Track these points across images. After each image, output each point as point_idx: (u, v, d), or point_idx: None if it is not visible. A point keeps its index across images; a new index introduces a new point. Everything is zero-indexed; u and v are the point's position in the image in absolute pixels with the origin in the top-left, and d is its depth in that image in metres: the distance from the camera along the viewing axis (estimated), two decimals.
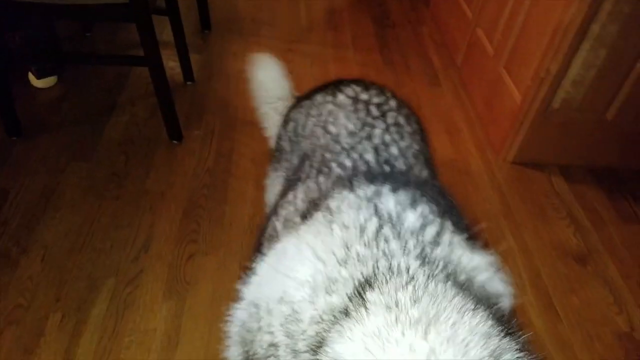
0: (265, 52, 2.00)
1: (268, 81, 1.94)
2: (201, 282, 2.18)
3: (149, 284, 2.16)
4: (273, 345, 0.77)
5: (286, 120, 1.67)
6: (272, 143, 1.86)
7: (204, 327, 2.03)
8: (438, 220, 0.92)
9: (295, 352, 0.71)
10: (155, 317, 2.04)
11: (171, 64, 3.24)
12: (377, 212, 0.89)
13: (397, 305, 0.65)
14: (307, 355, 0.68)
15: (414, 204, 0.93)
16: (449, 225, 0.93)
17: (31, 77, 3.02)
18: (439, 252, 0.83)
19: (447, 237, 0.89)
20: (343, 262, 0.78)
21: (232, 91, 3.23)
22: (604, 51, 2.46)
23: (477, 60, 3.33)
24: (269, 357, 0.77)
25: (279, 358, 0.74)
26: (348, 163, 1.24)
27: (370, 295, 0.69)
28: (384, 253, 0.79)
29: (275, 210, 1.29)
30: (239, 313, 0.96)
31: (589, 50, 2.46)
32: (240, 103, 3.13)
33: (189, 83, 3.24)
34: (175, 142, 2.80)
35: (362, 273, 0.75)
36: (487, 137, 3.09)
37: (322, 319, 0.70)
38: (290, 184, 1.34)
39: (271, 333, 0.79)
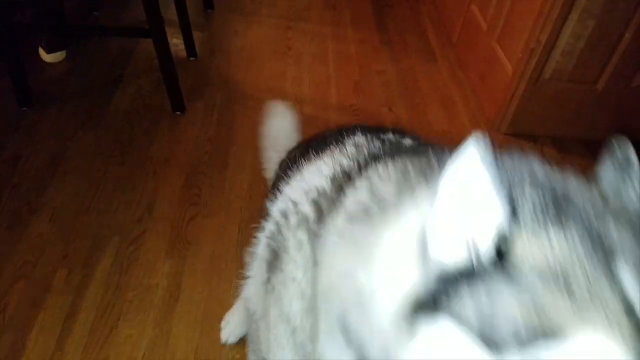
0: (280, 99, 2.04)
1: (280, 131, 1.92)
2: (201, 243, 2.28)
3: (152, 243, 2.26)
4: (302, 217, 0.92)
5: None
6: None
7: (203, 285, 2.12)
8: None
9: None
10: (157, 274, 2.14)
11: (175, 41, 3.32)
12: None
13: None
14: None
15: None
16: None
17: (41, 52, 3.12)
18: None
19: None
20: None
21: (233, 67, 3.32)
22: (592, 22, 2.53)
23: (472, 36, 3.40)
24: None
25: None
26: None
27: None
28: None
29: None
30: (268, 225, 1.06)
31: (577, 20, 2.52)
32: (241, 78, 3.22)
33: (191, 59, 3.33)
34: (178, 113, 2.90)
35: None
36: (481, 109, 3.16)
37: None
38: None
39: (297, 211, 0.95)
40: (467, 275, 0.62)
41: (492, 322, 0.60)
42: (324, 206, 0.89)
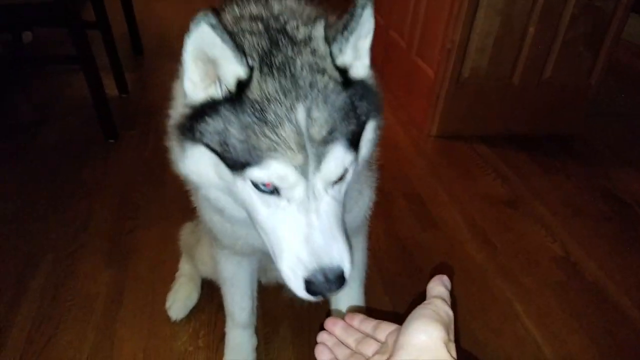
0: None
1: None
2: (143, 252, 2.17)
3: (89, 256, 2.13)
4: None
5: None
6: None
7: (147, 290, 2.00)
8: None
9: None
10: (97, 284, 2.01)
11: (106, 82, 3.30)
12: None
13: None
14: None
15: None
16: None
17: None
18: None
19: None
20: None
21: (166, 100, 3.28)
22: (497, 18, 2.73)
23: (394, 57, 3.58)
24: None
25: None
26: None
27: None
28: None
29: None
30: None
31: (484, 18, 2.72)
32: None
33: (123, 95, 3.32)
34: (111, 140, 2.84)
35: None
36: (411, 119, 3.29)
37: None
38: None
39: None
40: (209, 107, 0.88)
41: (228, 147, 0.86)
42: None
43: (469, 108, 3.03)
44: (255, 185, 0.89)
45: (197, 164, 0.95)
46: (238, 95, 0.86)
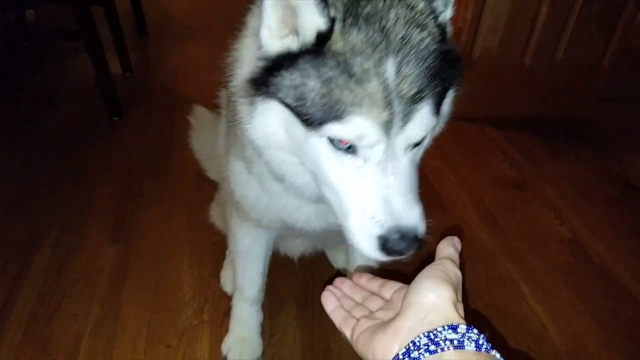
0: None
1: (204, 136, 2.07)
2: (147, 230, 2.16)
3: (94, 233, 2.13)
4: None
5: None
6: None
7: (152, 267, 1.99)
8: None
9: None
10: (101, 259, 2.01)
11: (110, 61, 3.28)
12: None
13: None
14: None
15: None
16: None
17: None
18: None
19: None
20: None
21: (170, 79, 3.31)
22: None
23: None
24: None
25: None
26: None
27: None
28: None
29: None
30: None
31: None
32: (179, 87, 3.20)
33: (127, 74, 3.30)
34: (115, 118, 2.82)
35: None
36: None
37: None
38: None
39: None
40: (286, 59, 0.84)
41: (305, 101, 0.82)
42: None
43: (479, 89, 2.99)
44: (332, 142, 0.85)
45: (267, 123, 0.90)
46: (318, 47, 0.82)
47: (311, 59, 0.82)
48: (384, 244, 0.86)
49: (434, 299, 0.72)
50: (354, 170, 0.86)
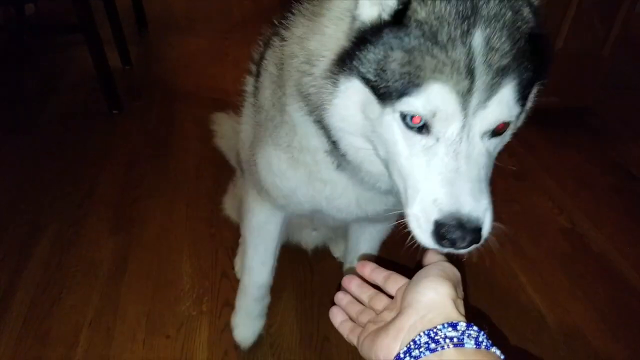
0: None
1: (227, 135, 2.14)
2: (148, 220, 2.17)
3: (94, 224, 2.14)
4: None
5: None
6: None
7: (152, 257, 2.01)
8: None
9: None
10: (101, 250, 2.02)
11: (109, 54, 3.28)
12: None
13: None
14: None
15: None
16: None
17: None
18: None
19: None
20: None
21: (170, 72, 3.31)
22: None
23: None
24: None
25: None
26: None
27: None
28: None
29: None
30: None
31: None
32: (179, 80, 3.20)
33: (127, 67, 3.30)
34: (115, 112, 2.82)
35: None
36: None
37: None
38: None
39: None
40: (375, 30, 0.82)
41: (385, 74, 0.80)
42: None
43: None
44: (404, 120, 0.80)
45: (348, 103, 0.88)
46: (401, 16, 0.80)
47: (395, 30, 0.79)
48: (439, 228, 0.79)
49: (434, 296, 0.73)
50: (423, 151, 0.81)
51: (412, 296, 0.75)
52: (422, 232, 0.81)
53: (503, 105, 0.79)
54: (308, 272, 1.97)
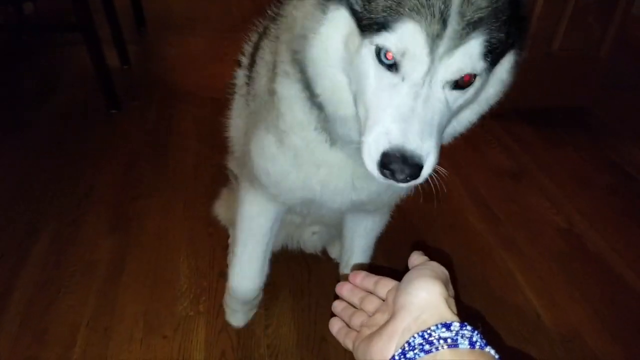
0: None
1: None
2: (146, 220, 2.18)
3: (92, 224, 2.14)
4: None
5: None
6: None
7: (150, 256, 2.01)
8: None
9: None
10: (99, 250, 2.02)
11: (108, 53, 3.29)
12: None
13: None
14: None
15: None
16: None
17: None
18: None
19: None
20: None
21: (169, 71, 3.31)
22: None
23: None
24: None
25: None
26: None
27: None
28: None
29: None
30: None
31: None
32: (178, 79, 3.21)
33: (125, 67, 3.30)
34: (114, 111, 2.83)
35: None
36: None
37: None
38: None
39: None
40: None
41: (369, 6, 0.84)
42: None
43: None
44: (378, 55, 0.86)
45: (332, 32, 0.93)
46: None
47: None
48: (384, 158, 0.86)
49: (426, 296, 0.73)
50: (389, 87, 0.87)
51: (404, 298, 0.75)
52: (371, 160, 0.88)
53: (467, 57, 0.84)
54: (305, 273, 1.98)
